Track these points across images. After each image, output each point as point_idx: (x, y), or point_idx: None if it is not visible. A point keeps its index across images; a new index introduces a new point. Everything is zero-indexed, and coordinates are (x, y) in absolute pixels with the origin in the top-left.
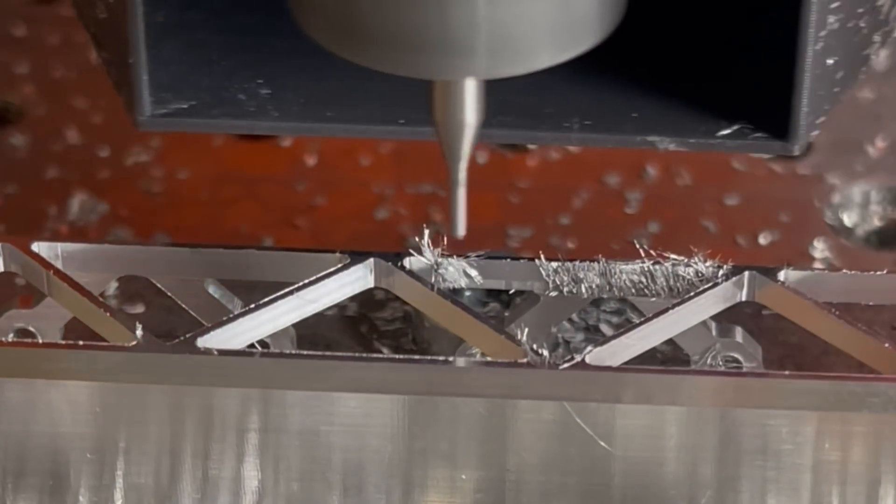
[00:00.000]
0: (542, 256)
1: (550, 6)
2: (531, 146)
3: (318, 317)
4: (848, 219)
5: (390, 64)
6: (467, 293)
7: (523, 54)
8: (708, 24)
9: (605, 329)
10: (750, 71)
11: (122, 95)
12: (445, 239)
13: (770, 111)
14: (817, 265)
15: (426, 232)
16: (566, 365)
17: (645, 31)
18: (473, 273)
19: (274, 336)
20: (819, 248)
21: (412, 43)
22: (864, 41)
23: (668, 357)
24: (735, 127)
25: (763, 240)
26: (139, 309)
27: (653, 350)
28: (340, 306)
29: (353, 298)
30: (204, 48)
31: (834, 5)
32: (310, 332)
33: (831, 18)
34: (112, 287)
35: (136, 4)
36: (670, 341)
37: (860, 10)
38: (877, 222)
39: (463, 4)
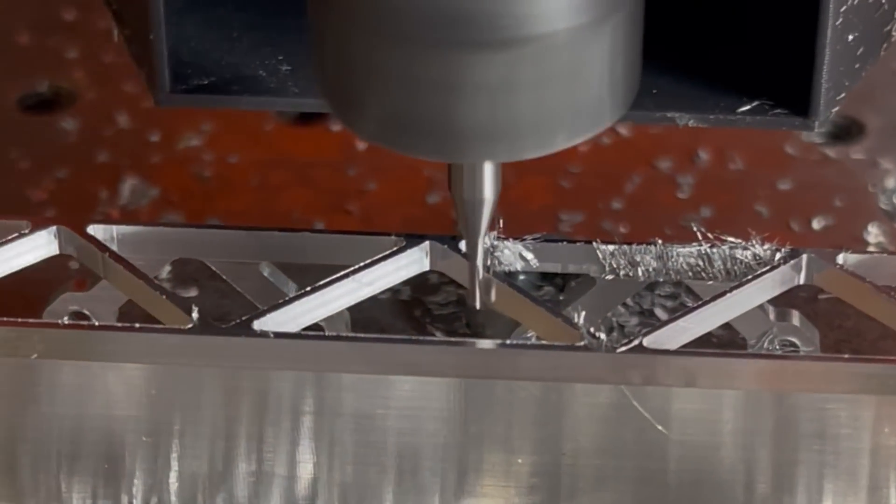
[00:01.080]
0: (598, 239)
1: (566, 94)
2: None
3: (372, 301)
4: None
5: (411, 147)
6: (521, 277)
7: (540, 139)
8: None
9: (660, 313)
10: (770, 46)
11: (142, 72)
12: (501, 222)
13: (790, 87)
14: (871, 250)
15: None
16: (623, 348)
17: (665, 7)
18: (529, 256)
19: (329, 319)
20: (873, 233)
21: (432, 129)
22: (886, 17)
23: (725, 341)
24: (755, 103)
25: (816, 225)
26: (192, 293)
27: (708, 334)
28: (394, 290)
29: (406, 282)
30: (225, 25)
31: None
32: (364, 317)
33: None
34: (165, 271)
35: None
36: (727, 325)
37: None
38: None
39: (482, 94)
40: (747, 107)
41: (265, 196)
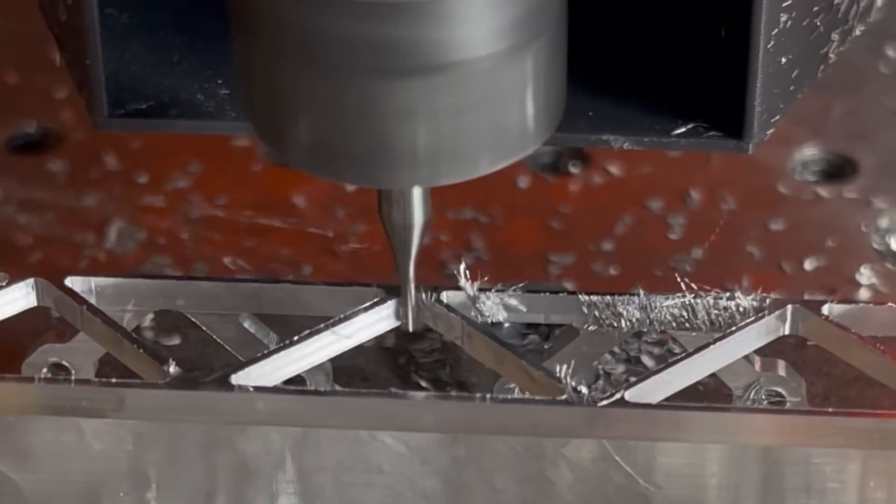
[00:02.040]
0: (581, 291)
1: (490, 119)
2: (574, 171)
3: (356, 349)
4: (895, 244)
5: (336, 174)
6: (506, 324)
7: (466, 163)
8: (662, 22)
9: (647, 360)
10: (705, 69)
11: (82, 97)
12: (480, 274)
13: (724, 110)
14: (864, 291)
15: (462, 265)
16: (605, 402)
17: (599, 31)
18: (512, 304)
19: (309, 371)
20: (866, 275)
21: (357, 155)
22: (821, 40)
23: (710, 390)
24: (690, 126)
25: (808, 266)
26: (175, 341)
27: (695, 383)
28: (378, 338)
29: (391, 330)
30: (166, 49)
31: (786, 3)
32: (347, 364)
33: (783, 17)
34: (147, 319)
35: (91, 6)
36: (712, 375)
37: (815, 9)
38: None
39: (405, 120)
40: (682, 129)
41: (253, 238)
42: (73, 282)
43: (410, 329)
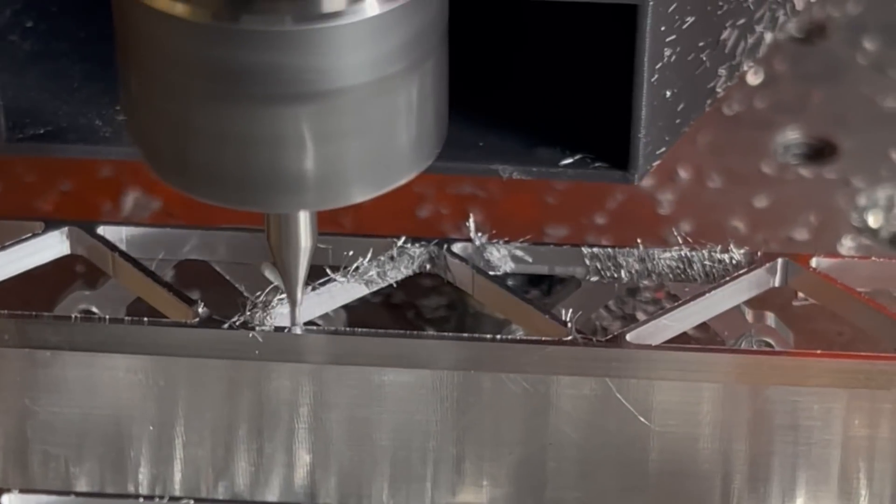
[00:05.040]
0: (582, 245)
1: (373, 145)
2: None
3: (365, 304)
4: (873, 221)
5: (222, 198)
6: (509, 281)
7: (350, 188)
8: (552, 56)
9: (641, 317)
10: (591, 102)
11: None
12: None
13: (610, 142)
14: (844, 254)
15: (471, 218)
16: (607, 343)
17: (491, 65)
18: (519, 254)
19: (326, 319)
20: (846, 246)
21: (244, 180)
22: (708, 74)
23: (704, 341)
24: (577, 157)
25: (791, 241)
26: (195, 295)
27: (686, 337)
28: (386, 294)
29: (399, 286)
30: (66, 76)
31: (670, 38)
32: (357, 319)
33: (667, 51)
34: (168, 275)
35: None
36: (706, 328)
37: (701, 44)
38: None
39: (291, 147)
40: (569, 160)
41: None
42: (104, 230)
43: None
